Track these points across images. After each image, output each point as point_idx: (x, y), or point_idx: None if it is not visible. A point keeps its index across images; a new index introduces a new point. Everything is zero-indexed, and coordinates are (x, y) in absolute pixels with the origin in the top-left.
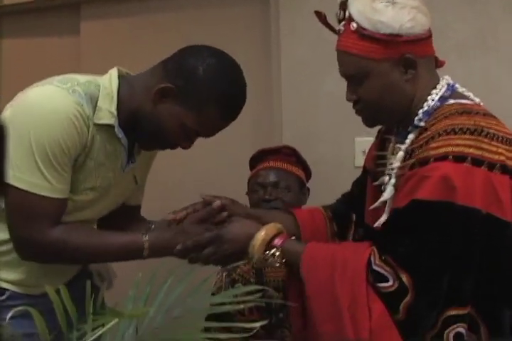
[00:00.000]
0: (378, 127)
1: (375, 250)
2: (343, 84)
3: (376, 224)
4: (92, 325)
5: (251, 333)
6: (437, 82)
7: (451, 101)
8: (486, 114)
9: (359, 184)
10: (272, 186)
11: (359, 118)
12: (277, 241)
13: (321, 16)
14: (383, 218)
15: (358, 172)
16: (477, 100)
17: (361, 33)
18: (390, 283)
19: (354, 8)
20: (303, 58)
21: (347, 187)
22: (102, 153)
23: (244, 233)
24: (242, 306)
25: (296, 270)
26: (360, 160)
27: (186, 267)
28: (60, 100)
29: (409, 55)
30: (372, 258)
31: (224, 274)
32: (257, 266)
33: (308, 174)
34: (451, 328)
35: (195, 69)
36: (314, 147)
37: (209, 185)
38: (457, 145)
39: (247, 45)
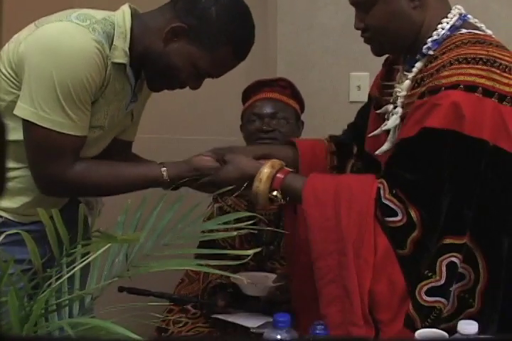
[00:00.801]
0: (380, 62)
1: (385, 183)
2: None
3: (377, 152)
4: (83, 250)
5: (243, 261)
6: (449, 11)
7: (464, 30)
8: (499, 46)
9: (363, 113)
10: (270, 117)
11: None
12: (279, 176)
13: None
14: (385, 147)
15: (353, 107)
16: (489, 32)
17: None
18: (399, 217)
19: None
20: None
21: (341, 121)
22: (112, 91)
23: (250, 164)
24: (235, 233)
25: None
26: (355, 95)
27: (176, 193)
28: (83, 39)
29: None
30: (381, 192)
31: (216, 206)
32: (261, 208)
33: (302, 107)
34: (444, 257)
35: (208, 9)
36: (309, 81)
37: (204, 117)
38: (469, 74)
39: None
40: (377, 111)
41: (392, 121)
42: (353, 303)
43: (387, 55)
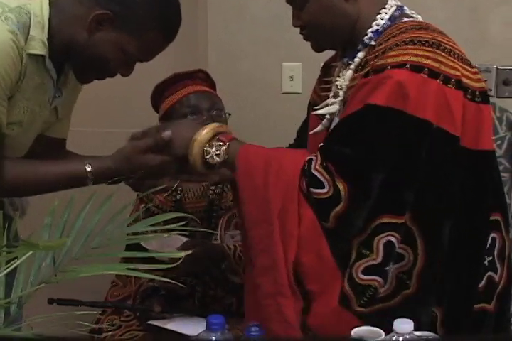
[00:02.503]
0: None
1: (318, 155)
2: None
3: (310, 132)
4: (7, 257)
5: (174, 264)
6: (385, 1)
7: (405, 19)
8: (442, 32)
9: (304, 127)
10: (207, 110)
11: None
12: (224, 137)
13: None
14: (318, 128)
15: (285, 98)
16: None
17: None
18: (325, 189)
19: None
20: None
21: (274, 112)
22: (31, 85)
23: (188, 131)
24: (166, 235)
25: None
26: (287, 86)
27: (105, 192)
28: None
29: None
30: (312, 163)
31: (141, 206)
32: (192, 169)
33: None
34: (381, 236)
35: None
36: (241, 71)
37: (132, 110)
38: (416, 55)
39: None
40: (317, 107)
41: (333, 106)
42: (279, 274)
43: (323, 63)
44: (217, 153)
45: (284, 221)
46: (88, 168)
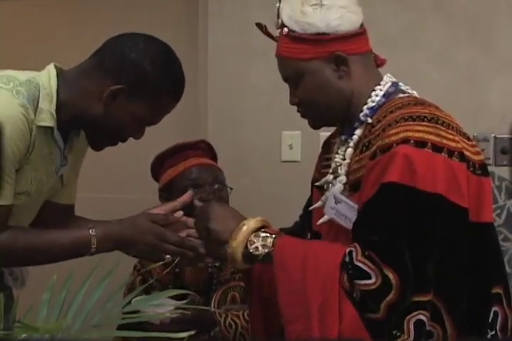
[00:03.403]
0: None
1: (357, 246)
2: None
3: (319, 222)
4: (5, 337)
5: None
6: (380, 78)
7: (401, 95)
8: (437, 107)
9: (307, 205)
10: (210, 184)
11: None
12: (271, 230)
13: (262, 28)
14: (322, 219)
15: (285, 167)
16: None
17: (291, 36)
18: (372, 280)
19: (285, 14)
20: (230, 46)
21: (273, 181)
22: (39, 156)
23: (232, 215)
24: (167, 314)
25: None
26: (286, 155)
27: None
28: (7, 105)
29: (339, 52)
30: (353, 254)
31: (138, 278)
32: (230, 256)
33: None
34: (412, 315)
35: (141, 64)
36: (240, 139)
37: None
38: (417, 131)
39: (174, 32)
40: (317, 184)
41: (338, 188)
42: None
43: (323, 142)
44: (263, 243)
45: (324, 316)
46: (92, 232)
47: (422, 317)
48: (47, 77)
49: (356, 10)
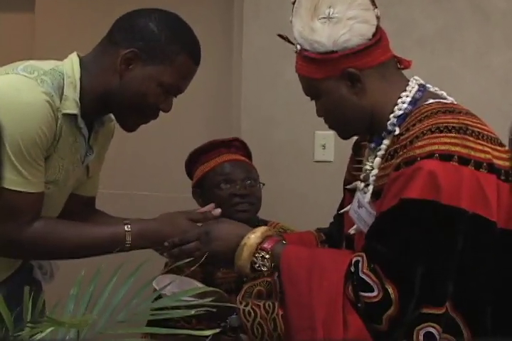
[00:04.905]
0: None
1: (364, 257)
2: None
3: (350, 230)
4: (31, 331)
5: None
6: (405, 83)
7: (431, 100)
8: (468, 113)
9: (341, 205)
10: (242, 180)
11: None
12: (267, 245)
13: (284, 38)
14: (353, 230)
15: (317, 167)
16: (451, 99)
17: (303, 55)
18: (375, 293)
19: (296, 31)
20: (264, 46)
21: (305, 181)
22: (65, 144)
23: (234, 233)
24: (193, 312)
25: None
26: (319, 155)
27: (132, 264)
28: (31, 92)
29: (351, 69)
30: (359, 265)
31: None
32: (238, 272)
33: None
34: (421, 326)
35: (147, 27)
36: (273, 138)
37: (169, 173)
38: (443, 143)
39: (209, 31)
40: (347, 187)
41: (367, 197)
42: None
43: (353, 143)
44: (263, 263)
45: (330, 328)
46: (127, 228)
47: (431, 329)
48: (70, 66)
49: (368, 17)
